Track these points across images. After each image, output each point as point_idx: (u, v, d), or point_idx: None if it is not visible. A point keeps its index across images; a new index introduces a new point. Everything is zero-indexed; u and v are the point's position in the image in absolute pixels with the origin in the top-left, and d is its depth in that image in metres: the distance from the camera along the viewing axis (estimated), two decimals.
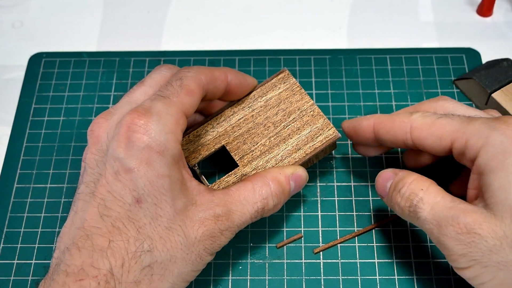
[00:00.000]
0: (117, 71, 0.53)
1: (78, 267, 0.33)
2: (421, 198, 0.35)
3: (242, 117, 0.42)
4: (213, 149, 0.42)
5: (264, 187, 0.38)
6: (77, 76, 0.53)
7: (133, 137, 0.34)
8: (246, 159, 0.41)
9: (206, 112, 0.45)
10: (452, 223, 0.33)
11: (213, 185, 0.42)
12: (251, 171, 0.41)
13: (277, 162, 0.41)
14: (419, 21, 0.56)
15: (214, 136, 0.42)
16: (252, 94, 0.43)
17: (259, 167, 0.41)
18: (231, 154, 0.42)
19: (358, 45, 0.55)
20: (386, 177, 0.39)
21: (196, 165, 0.43)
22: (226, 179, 0.41)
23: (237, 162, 0.41)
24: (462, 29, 0.55)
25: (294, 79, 0.42)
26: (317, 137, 0.41)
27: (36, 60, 0.54)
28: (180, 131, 0.36)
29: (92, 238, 0.34)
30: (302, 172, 0.40)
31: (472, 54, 0.53)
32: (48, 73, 0.54)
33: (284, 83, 0.42)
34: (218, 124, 0.43)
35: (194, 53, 0.54)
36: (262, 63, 0.53)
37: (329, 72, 0.52)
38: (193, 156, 0.42)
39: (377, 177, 0.40)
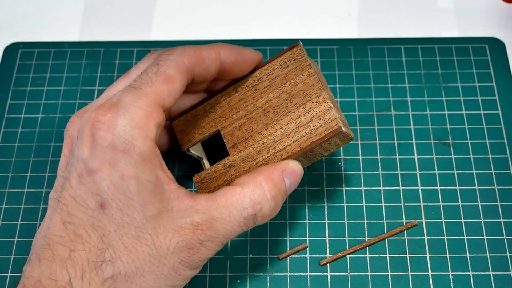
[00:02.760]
0: (102, 63, 0.53)
1: (35, 279, 0.33)
2: None
3: (243, 98, 0.41)
4: (208, 133, 0.42)
5: (255, 189, 0.37)
6: (58, 68, 0.53)
7: (97, 135, 0.34)
8: (238, 148, 0.41)
9: (212, 89, 0.44)
10: None
11: (196, 176, 0.41)
12: (241, 162, 0.40)
13: (269, 155, 0.40)
14: (437, 8, 0.56)
15: (211, 118, 0.42)
16: (259, 71, 0.42)
17: (249, 158, 0.40)
18: (224, 141, 0.41)
19: (369, 34, 0.55)
20: None
21: (189, 149, 0.42)
22: (213, 169, 0.41)
23: (228, 150, 0.41)
24: (485, 16, 0.55)
25: (306, 55, 0.41)
26: (317, 128, 0.39)
27: (11, 51, 0.54)
28: (154, 125, 0.35)
29: (53, 248, 0.34)
30: (296, 166, 0.39)
31: (495, 44, 0.53)
32: (25, 65, 0.53)
33: (294, 60, 0.41)
34: (217, 104, 0.42)
35: (187, 43, 0.54)
36: (263, 55, 0.53)
37: (337, 64, 0.52)
38: (186, 140, 0.42)
39: None
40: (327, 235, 0.45)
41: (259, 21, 0.56)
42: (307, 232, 0.45)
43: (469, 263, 0.43)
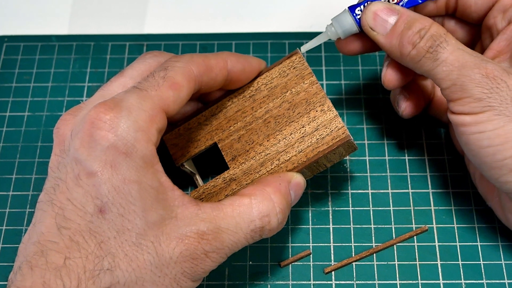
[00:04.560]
0: (92, 58, 0.53)
1: None
2: (446, 39, 0.38)
3: (241, 109, 0.42)
4: (204, 147, 0.42)
5: (264, 201, 0.37)
6: (45, 63, 0.53)
7: (97, 134, 0.34)
8: (239, 161, 0.41)
9: (207, 99, 0.45)
10: (479, 66, 0.37)
11: (194, 192, 0.41)
12: (242, 176, 0.41)
13: (273, 166, 0.40)
14: None
15: (206, 130, 0.42)
16: (256, 80, 0.42)
17: (252, 171, 0.41)
18: (222, 154, 0.42)
19: None
20: (385, 11, 0.40)
21: (184, 164, 0.43)
22: (212, 184, 0.41)
23: (228, 163, 0.41)
24: None
25: (306, 64, 0.42)
26: (323, 137, 0.40)
27: None
28: (155, 130, 0.35)
29: (47, 255, 0.34)
30: (300, 179, 0.40)
31: None
32: (10, 60, 0.53)
33: (294, 68, 0.42)
34: (213, 116, 0.42)
35: (182, 36, 0.54)
36: (264, 49, 0.53)
37: (342, 59, 0.52)
38: (180, 154, 0.42)
39: (368, 9, 0.40)
40: (331, 241, 0.45)
41: (259, 14, 0.56)
42: (311, 237, 0.45)
43: (483, 271, 0.43)
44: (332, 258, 0.44)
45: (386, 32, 0.40)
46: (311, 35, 0.53)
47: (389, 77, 0.42)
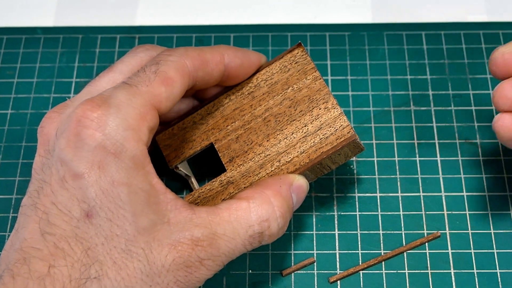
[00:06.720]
0: (80, 51, 0.53)
1: None
2: None
3: (239, 107, 0.42)
4: (199, 148, 0.42)
5: (263, 205, 0.37)
6: (30, 58, 0.53)
7: (83, 133, 0.34)
8: (236, 163, 0.41)
9: (203, 96, 0.45)
10: None
11: (188, 195, 0.41)
12: (240, 178, 0.41)
13: (273, 168, 0.40)
14: None
15: (202, 130, 0.42)
16: (255, 76, 0.42)
17: (250, 173, 0.41)
18: (219, 155, 0.42)
19: (386, 19, 0.54)
20: None
21: (178, 166, 0.43)
22: (208, 187, 0.41)
23: (225, 165, 0.41)
24: None
25: (309, 58, 0.42)
26: (327, 137, 0.40)
27: None
28: (146, 128, 0.36)
29: (30, 263, 0.34)
30: (302, 181, 0.40)
31: None
32: None
33: (296, 62, 0.42)
34: (209, 114, 0.42)
35: (177, 28, 0.54)
36: (264, 42, 0.53)
37: (349, 53, 0.52)
38: (174, 155, 0.42)
39: (499, 92, 0.36)
40: (337, 248, 0.45)
41: (260, 4, 0.56)
42: (315, 244, 0.45)
43: (499, 280, 0.43)
44: (338, 266, 0.44)
45: None
46: (315, 27, 0.53)
47: None
